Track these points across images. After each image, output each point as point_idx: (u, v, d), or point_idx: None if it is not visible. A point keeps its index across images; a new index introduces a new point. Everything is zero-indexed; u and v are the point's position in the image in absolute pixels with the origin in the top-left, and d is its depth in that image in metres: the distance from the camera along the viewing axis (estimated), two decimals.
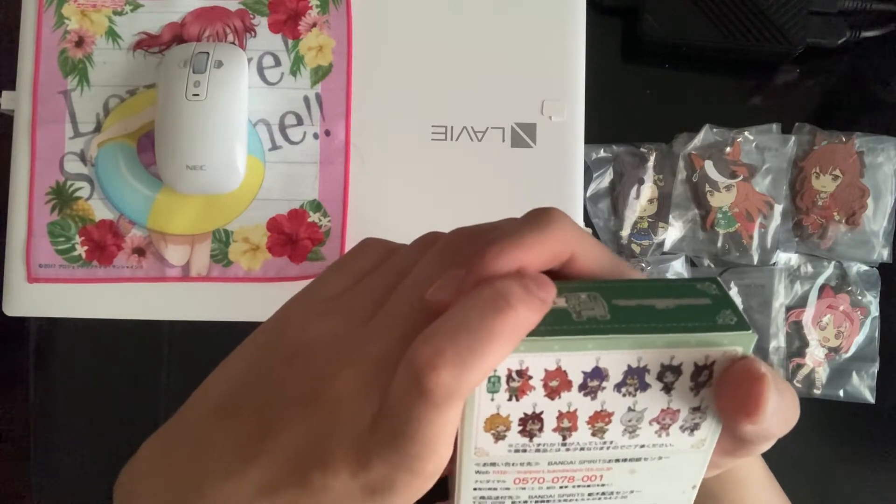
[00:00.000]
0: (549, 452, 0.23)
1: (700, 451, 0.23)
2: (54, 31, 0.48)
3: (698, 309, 0.22)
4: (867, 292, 0.51)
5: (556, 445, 0.22)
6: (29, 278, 0.47)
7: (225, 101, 0.44)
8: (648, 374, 0.21)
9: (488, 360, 0.20)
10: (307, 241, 0.48)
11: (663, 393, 0.22)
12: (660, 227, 0.51)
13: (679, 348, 0.21)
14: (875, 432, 0.51)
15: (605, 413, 0.22)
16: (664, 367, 0.21)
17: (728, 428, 0.23)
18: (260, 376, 0.23)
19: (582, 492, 0.24)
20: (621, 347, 0.21)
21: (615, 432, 0.22)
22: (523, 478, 0.23)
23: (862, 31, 0.52)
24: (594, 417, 0.22)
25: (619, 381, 0.21)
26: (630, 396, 0.22)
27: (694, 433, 0.23)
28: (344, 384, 0.22)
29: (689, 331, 0.21)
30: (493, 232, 0.25)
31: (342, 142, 0.48)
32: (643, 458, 0.23)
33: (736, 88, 0.54)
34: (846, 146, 0.52)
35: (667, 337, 0.21)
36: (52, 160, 0.47)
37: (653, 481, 0.24)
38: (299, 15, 0.49)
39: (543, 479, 0.23)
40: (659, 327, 0.21)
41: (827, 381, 0.51)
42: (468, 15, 0.49)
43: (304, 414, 0.22)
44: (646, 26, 0.51)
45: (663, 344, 0.21)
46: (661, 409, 0.22)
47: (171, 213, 0.47)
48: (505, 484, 0.23)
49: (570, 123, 0.48)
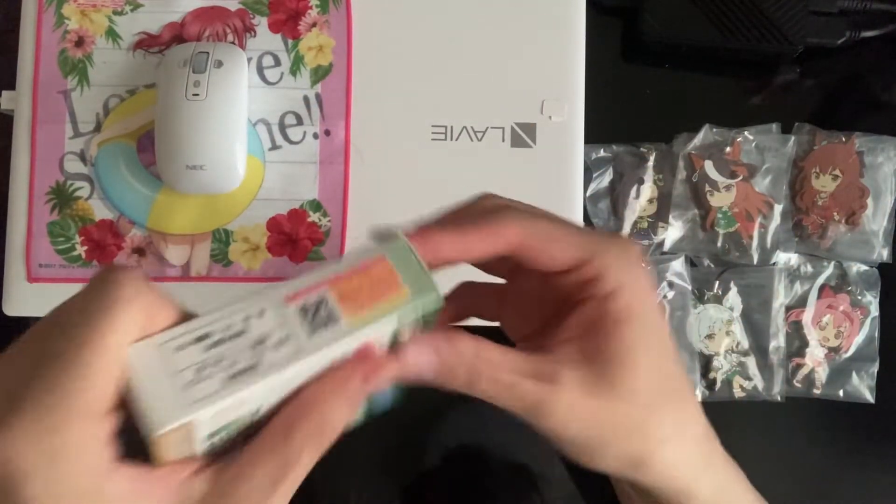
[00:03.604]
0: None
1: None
2: (54, 31, 0.48)
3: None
4: (867, 292, 0.51)
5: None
6: (29, 278, 0.47)
7: (225, 101, 0.44)
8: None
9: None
10: (307, 241, 0.48)
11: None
12: (660, 227, 0.51)
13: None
14: (875, 432, 0.51)
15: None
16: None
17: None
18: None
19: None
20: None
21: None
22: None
23: (862, 31, 0.52)
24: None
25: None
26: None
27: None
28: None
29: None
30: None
31: (342, 141, 0.48)
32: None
33: (736, 88, 0.54)
34: (846, 146, 0.52)
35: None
36: (52, 160, 0.47)
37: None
38: (299, 15, 0.49)
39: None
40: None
41: (827, 381, 0.51)
42: (468, 15, 0.49)
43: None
44: (646, 26, 0.51)
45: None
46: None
47: (171, 212, 0.47)
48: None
49: (570, 123, 0.48)
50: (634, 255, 0.31)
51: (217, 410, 0.25)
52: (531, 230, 0.30)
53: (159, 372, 0.25)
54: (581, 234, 0.31)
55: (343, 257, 0.29)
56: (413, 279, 0.28)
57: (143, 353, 0.25)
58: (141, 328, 0.25)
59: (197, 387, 0.25)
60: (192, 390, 0.25)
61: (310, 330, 0.26)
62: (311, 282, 0.27)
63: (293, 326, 0.26)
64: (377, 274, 0.28)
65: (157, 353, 0.25)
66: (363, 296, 0.27)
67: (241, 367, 0.25)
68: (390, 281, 0.28)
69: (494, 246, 0.30)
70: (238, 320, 0.26)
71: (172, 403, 0.24)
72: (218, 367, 0.25)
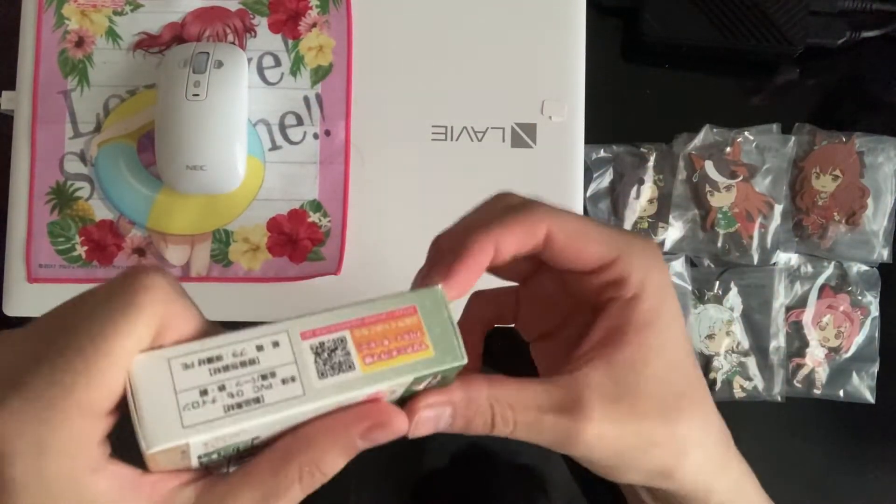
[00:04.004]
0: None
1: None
2: (54, 31, 0.48)
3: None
4: (867, 292, 0.51)
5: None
6: (29, 278, 0.47)
7: (225, 101, 0.44)
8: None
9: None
10: (307, 241, 0.48)
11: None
12: (660, 227, 0.51)
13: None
14: (875, 432, 0.51)
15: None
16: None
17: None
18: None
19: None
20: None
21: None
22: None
23: (862, 31, 0.52)
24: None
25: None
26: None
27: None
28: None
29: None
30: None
31: (342, 142, 0.48)
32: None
33: (736, 88, 0.54)
34: (846, 146, 0.52)
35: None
36: (52, 160, 0.47)
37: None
38: (299, 15, 0.49)
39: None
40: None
41: (827, 381, 0.51)
42: (468, 15, 0.49)
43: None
44: (646, 26, 0.51)
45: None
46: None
47: (171, 213, 0.47)
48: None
49: (570, 123, 0.48)
50: (656, 253, 0.31)
51: (213, 437, 0.24)
52: (561, 225, 0.29)
53: (162, 387, 0.24)
54: (608, 231, 0.30)
55: (374, 299, 0.27)
56: (440, 339, 0.27)
57: (150, 364, 0.25)
58: (155, 336, 0.25)
59: (197, 411, 0.24)
60: (192, 413, 0.24)
61: (321, 372, 0.25)
62: (334, 320, 0.26)
63: (305, 366, 0.25)
64: (404, 326, 0.27)
65: (165, 368, 0.25)
66: (385, 347, 0.26)
67: (245, 399, 0.25)
68: (417, 337, 0.27)
69: (527, 242, 0.29)
70: (251, 348, 0.25)
71: (170, 423, 0.24)
72: (222, 393, 0.25)
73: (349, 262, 0.47)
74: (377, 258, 0.47)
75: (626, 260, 0.29)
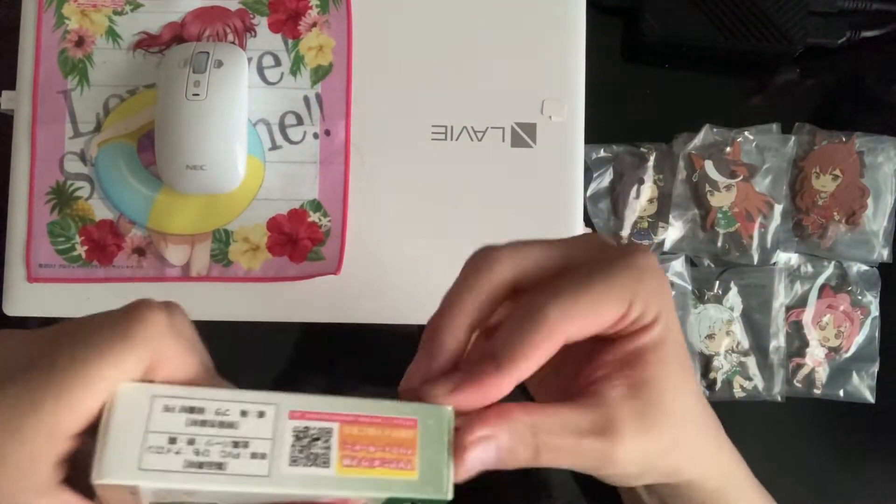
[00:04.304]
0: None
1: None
2: (54, 31, 0.48)
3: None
4: (867, 292, 0.51)
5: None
6: (29, 278, 0.47)
7: (225, 101, 0.44)
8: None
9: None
10: (307, 241, 0.48)
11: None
12: (660, 227, 0.51)
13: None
14: (875, 432, 0.51)
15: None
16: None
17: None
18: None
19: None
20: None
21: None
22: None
23: (862, 31, 0.52)
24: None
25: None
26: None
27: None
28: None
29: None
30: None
31: (342, 142, 0.48)
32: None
33: (736, 88, 0.54)
34: (846, 146, 0.52)
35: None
36: (52, 160, 0.47)
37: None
38: (299, 15, 0.49)
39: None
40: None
41: (827, 381, 0.51)
42: (468, 15, 0.49)
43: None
44: (646, 26, 0.51)
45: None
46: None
47: (171, 212, 0.47)
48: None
49: (570, 123, 0.48)
50: (659, 271, 0.30)
51: (164, 488, 0.24)
52: (576, 316, 0.28)
53: (136, 422, 0.24)
54: (613, 279, 0.29)
55: (377, 399, 0.26)
56: (430, 464, 0.25)
57: (133, 395, 0.24)
58: (148, 369, 0.25)
59: (158, 456, 0.24)
60: (152, 458, 0.24)
61: (294, 459, 0.24)
62: (327, 408, 0.25)
63: (280, 446, 0.24)
64: (398, 438, 0.25)
65: (146, 403, 0.24)
66: (368, 454, 0.25)
67: (207, 461, 0.24)
68: (406, 454, 0.25)
69: (548, 356, 0.28)
70: (236, 411, 0.25)
71: (127, 460, 0.23)
72: (189, 447, 0.24)
73: (349, 262, 0.47)
74: (377, 258, 0.47)
75: (639, 299, 0.29)
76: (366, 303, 0.47)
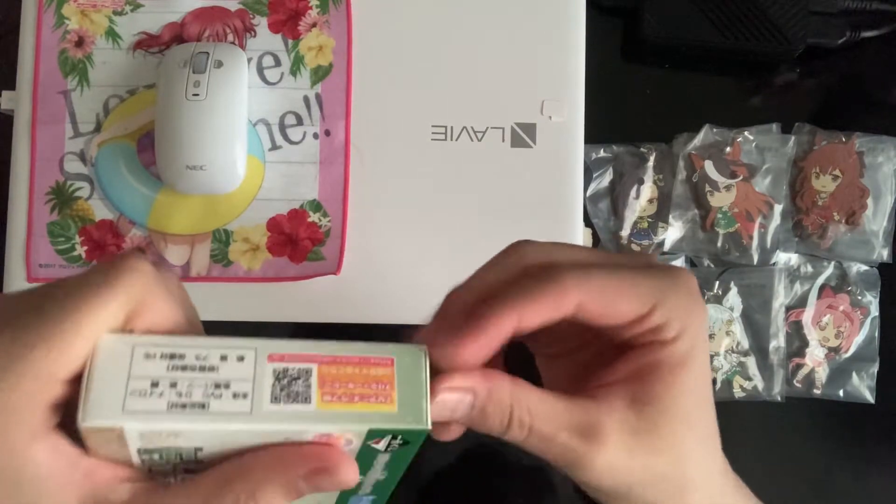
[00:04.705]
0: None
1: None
2: (54, 31, 0.48)
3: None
4: (867, 292, 0.51)
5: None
6: (29, 278, 0.47)
7: (225, 101, 0.44)
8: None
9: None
10: (307, 241, 0.48)
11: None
12: (660, 227, 0.51)
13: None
14: (875, 432, 0.51)
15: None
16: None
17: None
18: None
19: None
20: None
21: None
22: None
23: (862, 31, 0.52)
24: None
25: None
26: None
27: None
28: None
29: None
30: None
31: (342, 142, 0.48)
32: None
33: (736, 88, 0.54)
34: (846, 146, 0.52)
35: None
36: (52, 160, 0.47)
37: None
38: (299, 15, 0.49)
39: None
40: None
41: (827, 381, 0.51)
42: (468, 15, 0.49)
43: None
44: (646, 26, 0.51)
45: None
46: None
47: (171, 213, 0.47)
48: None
49: (570, 123, 0.48)
50: (696, 294, 0.29)
51: (149, 430, 0.24)
52: (591, 289, 0.27)
53: (118, 369, 0.25)
54: (641, 279, 0.28)
55: (356, 343, 0.26)
56: (408, 398, 0.26)
57: (114, 345, 0.25)
58: (129, 317, 0.25)
59: (142, 399, 0.24)
60: (136, 401, 0.24)
61: (275, 397, 0.25)
62: (305, 350, 0.26)
63: (261, 386, 0.25)
64: (375, 375, 0.26)
65: (127, 352, 0.25)
66: (347, 389, 0.25)
67: (190, 402, 0.24)
68: (384, 389, 0.26)
69: (554, 316, 0.27)
70: (215, 355, 0.25)
71: (112, 403, 0.24)
72: (171, 390, 0.24)
73: (349, 262, 0.47)
74: (377, 258, 0.47)
75: (664, 308, 0.28)
76: (366, 303, 0.47)
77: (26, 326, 0.24)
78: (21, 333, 0.24)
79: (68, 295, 0.25)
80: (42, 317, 0.24)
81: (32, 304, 0.25)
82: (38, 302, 0.25)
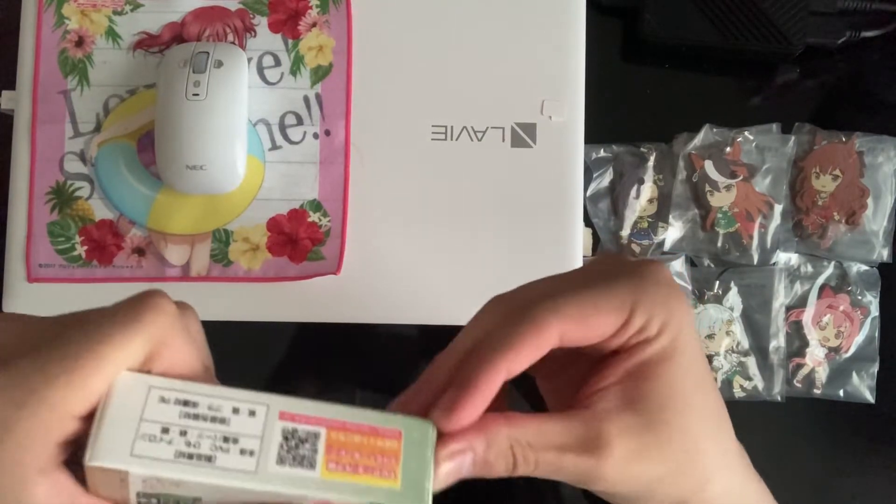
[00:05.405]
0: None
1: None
2: (54, 31, 0.48)
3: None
4: (867, 292, 0.51)
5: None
6: (29, 278, 0.47)
7: (225, 101, 0.44)
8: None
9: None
10: (307, 241, 0.48)
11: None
12: (660, 227, 0.51)
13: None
14: (875, 432, 0.51)
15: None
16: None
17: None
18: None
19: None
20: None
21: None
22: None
23: (862, 31, 0.52)
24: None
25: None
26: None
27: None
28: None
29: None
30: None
31: (342, 142, 0.48)
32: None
33: (736, 88, 0.54)
34: (846, 146, 0.52)
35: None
36: (52, 160, 0.47)
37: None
38: (299, 15, 0.49)
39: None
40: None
41: (827, 381, 0.51)
42: (468, 15, 0.49)
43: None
44: (646, 26, 0.51)
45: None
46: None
47: (171, 212, 0.47)
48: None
49: (570, 123, 0.48)
50: (670, 282, 0.29)
51: (153, 477, 0.24)
52: (568, 316, 0.28)
53: (131, 411, 0.25)
54: (615, 286, 0.28)
55: (365, 409, 0.26)
56: (412, 475, 0.26)
57: (131, 384, 0.25)
58: (148, 357, 0.25)
59: (151, 445, 0.24)
60: (145, 445, 0.24)
61: (281, 458, 0.25)
62: (316, 413, 0.26)
63: (268, 445, 0.25)
64: (382, 447, 0.26)
65: (143, 392, 0.25)
66: (353, 460, 0.25)
67: (197, 453, 0.24)
68: (389, 463, 0.26)
69: (539, 353, 0.28)
70: (228, 407, 0.25)
71: (120, 445, 0.24)
72: (180, 438, 0.25)
73: (349, 262, 0.47)
74: (377, 258, 0.47)
75: (642, 308, 0.28)
76: (366, 303, 0.47)
77: (49, 357, 0.24)
78: (43, 364, 0.24)
79: (92, 330, 0.25)
80: (65, 349, 0.24)
81: (57, 334, 0.25)
82: (63, 332, 0.25)
